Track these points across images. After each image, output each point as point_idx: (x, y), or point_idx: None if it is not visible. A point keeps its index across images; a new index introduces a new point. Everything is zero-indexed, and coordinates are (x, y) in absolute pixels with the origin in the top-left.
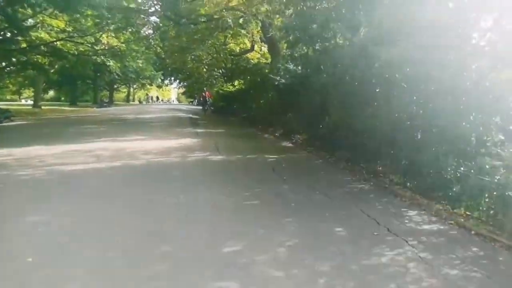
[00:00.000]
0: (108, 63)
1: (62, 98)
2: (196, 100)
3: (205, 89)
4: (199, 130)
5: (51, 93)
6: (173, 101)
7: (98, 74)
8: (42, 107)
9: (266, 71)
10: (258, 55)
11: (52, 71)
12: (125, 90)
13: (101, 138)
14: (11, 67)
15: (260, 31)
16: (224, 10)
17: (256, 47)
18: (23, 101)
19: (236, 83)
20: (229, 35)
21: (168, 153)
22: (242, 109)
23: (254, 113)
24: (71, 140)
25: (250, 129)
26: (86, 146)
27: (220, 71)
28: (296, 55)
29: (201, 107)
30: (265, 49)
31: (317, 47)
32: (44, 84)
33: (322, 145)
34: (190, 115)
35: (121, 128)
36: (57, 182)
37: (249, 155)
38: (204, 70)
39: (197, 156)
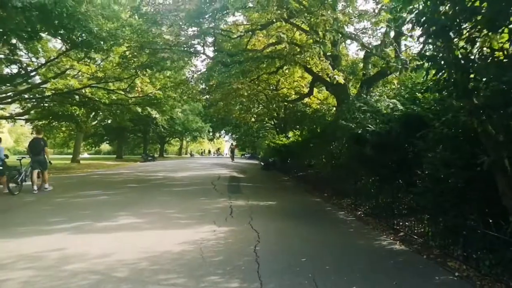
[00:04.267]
0: (154, 115)
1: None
2: (246, 153)
3: (233, 143)
4: (236, 203)
5: (107, 146)
6: (226, 154)
7: (149, 127)
8: (81, 162)
9: (328, 119)
10: (317, 101)
11: (94, 123)
12: (177, 143)
13: (73, 221)
14: (45, 120)
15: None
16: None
17: (314, 91)
18: (85, 155)
19: (290, 134)
20: (282, 77)
21: None
22: (298, 166)
23: (315, 173)
24: (19, 228)
25: (312, 199)
26: (20, 248)
27: (272, 121)
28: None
29: (252, 161)
30: (333, 87)
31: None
32: (95, 138)
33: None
34: (235, 173)
35: (126, 196)
36: None
37: None
38: (253, 120)
39: None
